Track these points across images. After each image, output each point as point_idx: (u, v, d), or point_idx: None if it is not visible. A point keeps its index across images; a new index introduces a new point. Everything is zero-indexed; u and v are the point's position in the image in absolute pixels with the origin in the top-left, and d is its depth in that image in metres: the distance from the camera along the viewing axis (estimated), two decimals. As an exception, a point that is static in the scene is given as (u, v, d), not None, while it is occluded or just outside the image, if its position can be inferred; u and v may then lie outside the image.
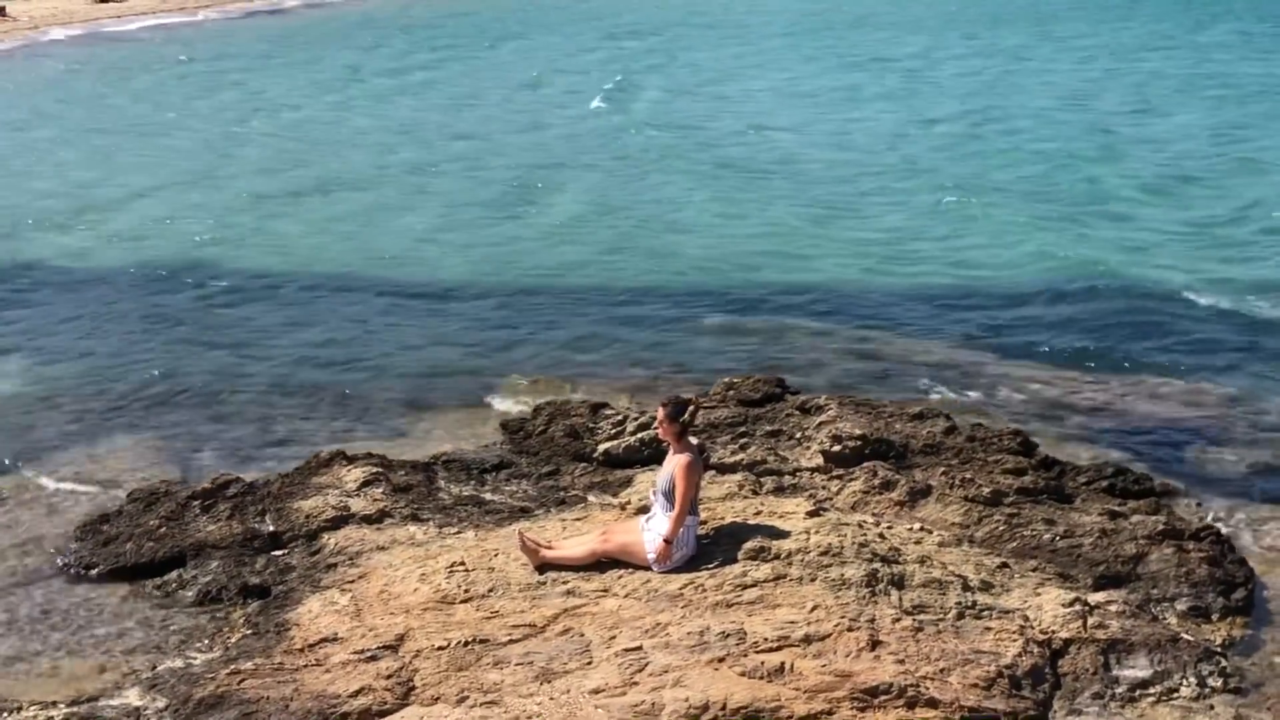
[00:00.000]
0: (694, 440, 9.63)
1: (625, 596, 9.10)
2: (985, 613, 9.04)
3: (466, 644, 8.61)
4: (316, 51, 53.15)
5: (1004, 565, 9.95)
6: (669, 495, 9.27)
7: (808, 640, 8.43)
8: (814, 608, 8.76)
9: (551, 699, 7.98)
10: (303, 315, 18.56)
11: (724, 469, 11.72)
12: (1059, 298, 18.59)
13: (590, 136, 33.06)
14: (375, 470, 11.81)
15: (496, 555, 9.77)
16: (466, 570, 9.54)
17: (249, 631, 9.49)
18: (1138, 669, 8.77)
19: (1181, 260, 20.73)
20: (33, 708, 8.69)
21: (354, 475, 11.74)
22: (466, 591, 9.29)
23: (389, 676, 8.36)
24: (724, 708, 7.81)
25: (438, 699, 8.16)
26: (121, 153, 31.82)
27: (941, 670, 8.27)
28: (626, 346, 16.74)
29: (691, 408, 9.54)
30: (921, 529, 10.35)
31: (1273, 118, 34.02)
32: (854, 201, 25.30)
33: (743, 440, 12.50)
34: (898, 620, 8.73)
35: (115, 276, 20.63)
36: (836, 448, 12.02)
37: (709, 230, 23.21)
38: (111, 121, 36.51)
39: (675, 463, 9.29)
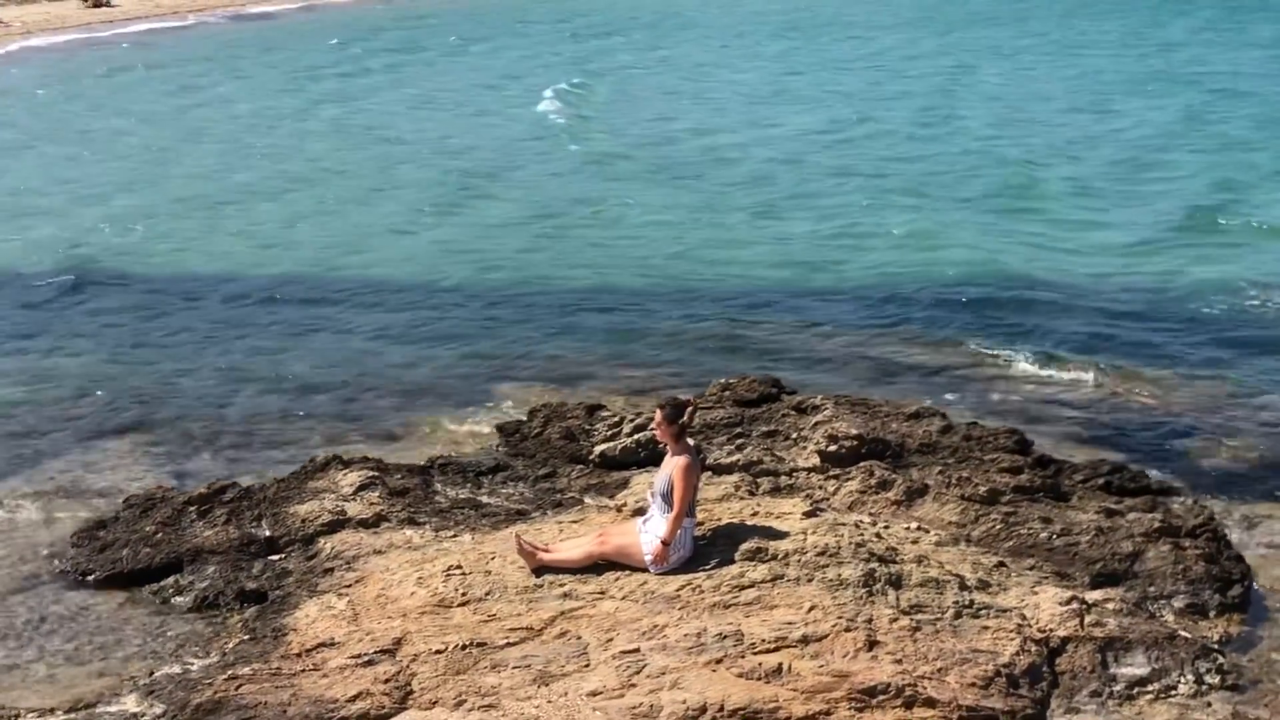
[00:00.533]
0: (691, 441, 9.61)
1: (622, 599, 9.09)
2: (982, 612, 9.04)
3: (464, 647, 8.60)
4: (290, 55, 53.14)
5: (1001, 564, 9.95)
6: (667, 497, 9.25)
7: (805, 641, 8.42)
8: (811, 608, 8.76)
9: (549, 702, 7.97)
10: (293, 319, 18.54)
11: (720, 470, 11.71)
12: (1051, 296, 18.59)
13: (568, 136, 33.04)
14: (371, 474, 11.79)
15: (493, 558, 9.75)
16: (463, 573, 9.52)
17: (246, 637, 9.47)
18: (1135, 666, 8.78)
19: (1173, 256, 20.74)
20: (30, 715, 8.69)
21: (350, 479, 11.72)
22: (464, 595, 9.28)
23: (386, 681, 8.34)
24: (722, 709, 7.80)
25: (435, 703, 8.16)
26: (80, 161, 31.75)
27: (939, 670, 8.28)
28: (621, 348, 16.73)
29: (689, 409, 9.51)
30: (918, 528, 10.35)
31: (1249, 110, 34.05)
32: (845, 200, 25.29)
33: (739, 441, 12.48)
34: (895, 620, 8.73)
35: (95, 281, 20.59)
36: (833, 448, 12.01)
37: (699, 231, 23.19)
38: (64, 129, 36.43)
39: (673, 464, 9.26)
